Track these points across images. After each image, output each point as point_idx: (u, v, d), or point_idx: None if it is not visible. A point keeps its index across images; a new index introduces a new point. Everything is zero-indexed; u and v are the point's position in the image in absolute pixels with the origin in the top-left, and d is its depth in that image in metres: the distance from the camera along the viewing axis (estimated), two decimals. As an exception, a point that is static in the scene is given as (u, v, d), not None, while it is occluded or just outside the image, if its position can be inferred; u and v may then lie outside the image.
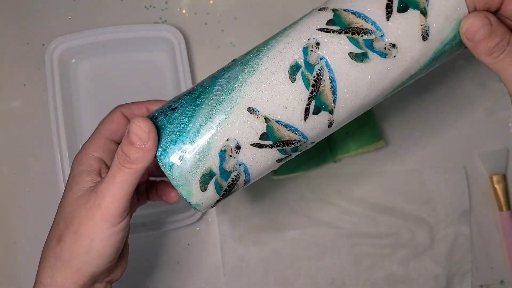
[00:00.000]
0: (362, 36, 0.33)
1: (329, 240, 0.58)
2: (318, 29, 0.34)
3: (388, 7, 0.33)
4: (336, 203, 0.58)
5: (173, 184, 0.34)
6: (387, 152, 0.59)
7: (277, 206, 0.58)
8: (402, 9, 0.33)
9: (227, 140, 0.33)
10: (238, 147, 0.34)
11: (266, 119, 0.34)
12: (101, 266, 0.34)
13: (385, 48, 0.33)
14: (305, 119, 0.34)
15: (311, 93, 0.34)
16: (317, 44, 0.34)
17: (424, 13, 0.33)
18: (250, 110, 0.33)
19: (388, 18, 0.33)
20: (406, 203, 0.58)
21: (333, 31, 0.34)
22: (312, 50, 0.34)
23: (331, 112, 0.34)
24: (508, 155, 0.59)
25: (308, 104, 0.34)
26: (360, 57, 0.33)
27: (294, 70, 0.33)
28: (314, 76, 0.33)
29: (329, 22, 0.34)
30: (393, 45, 0.33)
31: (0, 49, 0.61)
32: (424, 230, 0.58)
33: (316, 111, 0.34)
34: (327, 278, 0.57)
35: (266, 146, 0.34)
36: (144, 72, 0.59)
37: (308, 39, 0.34)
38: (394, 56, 0.33)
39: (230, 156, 0.34)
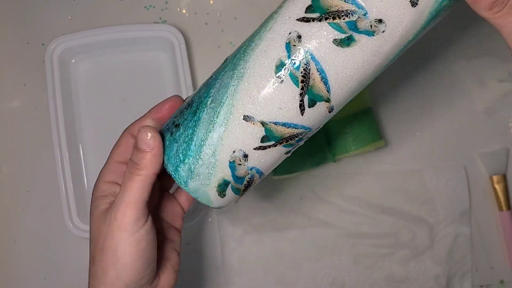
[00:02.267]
0: (343, 19, 0.31)
1: (329, 240, 0.58)
2: (298, 20, 0.32)
3: None
4: (336, 203, 0.58)
5: (193, 196, 0.35)
6: (387, 152, 0.59)
7: (277, 206, 0.58)
8: None
9: (233, 152, 0.34)
10: (245, 156, 0.34)
11: (263, 123, 0.33)
12: (132, 277, 0.34)
13: (371, 26, 0.31)
14: (302, 114, 0.33)
15: (302, 89, 0.32)
16: (299, 37, 0.32)
17: None
18: (246, 118, 0.33)
19: None
20: (406, 203, 0.58)
21: (313, 19, 0.31)
22: (294, 45, 0.32)
23: (327, 100, 0.33)
24: (508, 155, 0.59)
25: (302, 100, 0.33)
26: (346, 42, 0.31)
27: (280, 69, 0.32)
28: (301, 72, 0.32)
29: (308, 9, 0.32)
30: (380, 21, 0.31)
31: (0, 49, 0.61)
32: (424, 230, 0.58)
33: (312, 104, 0.33)
34: (327, 278, 0.57)
35: (269, 146, 0.34)
36: (144, 72, 0.60)
37: (290, 33, 0.32)
38: (383, 31, 0.31)
39: (240, 165, 0.34)
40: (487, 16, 0.31)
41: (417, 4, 0.30)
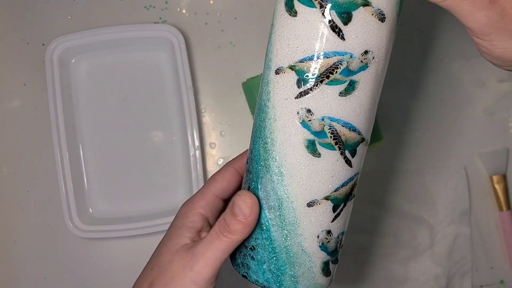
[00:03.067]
0: (336, 72, 0.31)
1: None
2: (296, 98, 0.32)
3: (334, 29, 0.31)
4: (336, 203, 0.58)
5: None
6: (387, 152, 0.59)
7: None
8: (346, 18, 0.31)
9: (318, 237, 0.34)
10: (328, 232, 0.35)
11: (327, 198, 0.34)
12: None
13: (361, 61, 0.32)
14: (351, 166, 0.34)
15: (339, 149, 0.33)
16: (309, 111, 0.32)
17: (366, 3, 0.31)
18: (310, 204, 0.34)
19: (342, 38, 0.31)
20: (406, 203, 0.58)
21: (311, 89, 0.32)
22: (310, 120, 0.32)
23: (363, 140, 0.34)
24: (508, 155, 0.59)
25: (345, 157, 0.33)
26: (350, 89, 0.32)
27: (311, 147, 0.33)
28: (330, 137, 0.32)
29: (299, 83, 0.32)
30: (365, 52, 0.31)
31: (0, 49, 0.61)
32: (424, 230, 0.58)
33: (353, 153, 0.34)
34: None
35: (341, 210, 0.35)
36: (144, 72, 0.60)
37: (298, 113, 0.32)
38: (373, 57, 0.32)
39: (329, 241, 0.35)
40: (437, 2, 0.31)
41: (385, 18, 0.31)
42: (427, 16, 0.60)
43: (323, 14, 0.31)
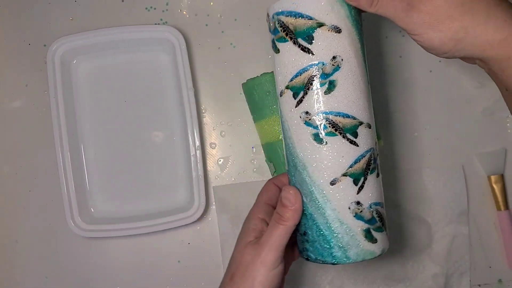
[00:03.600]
0: (316, 77, 0.40)
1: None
2: (296, 107, 0.41)
3: (304, 49, 0.40)
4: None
5: (360, 261, 0.42)
6: (385, 152, 0.59)
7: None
8: (310, 39, 0.40)
9: (349, 208, 0.41)
10: (358, 203, 0.41)
11: (345, 174, 0.40)
12: None
13: (332, 65, 0.40)
14: (358, 146, 0.41)
15: (340, 134, 0.40)
16: (307, 113, 0.41)
17: (321, 24, 0.40)
18: (332, 182, 0.40)
19: (312, 53, 0.40)
20: (404, 202, 0.58)
21: (302, 97, 0.41)
22: (310, 119, 0.40)
23: (361, 123, 0.41)
24: (506, 155, 0.60)
25: (348, 139, 0.41)
26: (332, 86, 0.40)
27: (318, 138, 0.40)
28: (330, 127, 0.40)
29: (294, 96, 0.41)
30: (333, 58, 0.40)
31: (2, 50, 0.61)
32: (422, 230, 0.58)
33: (355, 134, 0.41)
34: (326, 277, 0.58)
35: (364, 181, 0.41)
36: (145, 73, 0.60)
37: (300, 117, 0.41)
38: (342, 60, 0.40)
39: (361, 211, 0.41)
40: (373, 11, 0.39)
41: (340, 30, 0.40)
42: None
43: (294, 43, 0.40)
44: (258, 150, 0.59)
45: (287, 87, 0.42)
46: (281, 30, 0.41)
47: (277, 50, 0.42)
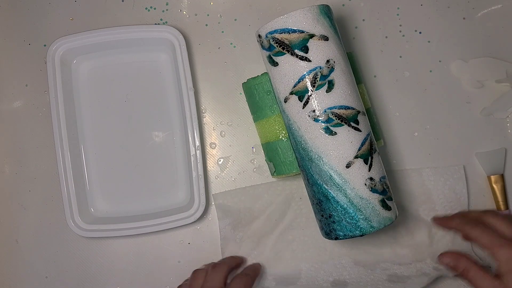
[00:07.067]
0: (317, 79, 0.46)
1: (329, 240, 0.58)
2: (303, 108, 0.47)
3: (302, 58, 0.46)
4: (336, 203, 0.59)
5: (382, 228, 0.48)
6: (385, 152, 0.59)
7: (277, 207, 0.58)
8: (305, 50, 0.46)
9: (365, 184, 0.46)
10: (371, 178, 0.47)
11: (356, 156, 0.47)
12: None
13: (328, 68, 0.46)
14: (361, 131, 0.48)
15: (346, 123, 0.47)
16: (313, 111, 0.46)
17: (312, 35, 0.46)
18: (348, 165, 0.46)
19: (309, 61, 0.46)
20: (405, 202, 0.59)
21: (308, 98, 0.46)
22: (317, 116, 0.46)
23: (358, 112, 0.48)
24: (506, 155, 0.60)
25: (353, 126, 0.47)
26: (331, 86, 0.46)
27: (329, 131, 0.46)
28: (336, 119, 0.46)
29: (300, 99, 0.47)
30: (327, 61, 0.46)
31: (2, 50, 0.61)
32: (423, 230, 0.58)
33: (356, 121, 0.47)
34: (328, 278, 0.58)
35: (372, 157, 0.48)
36: (145, 73, 0.60)
37: (308, 116, 0.47)
38: (334, 62, 0.47)
39: (375, 185, 0.47)
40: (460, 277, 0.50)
41: (328, 38, 0.47)
42: (426, 17, 0.61)
43: (291, 54, 0.47)
44: (258, 150, 0.60)
45: (291, 93, 0.47)
46: (277, 46, 0.47)
47: (275, 64, 0.48)
